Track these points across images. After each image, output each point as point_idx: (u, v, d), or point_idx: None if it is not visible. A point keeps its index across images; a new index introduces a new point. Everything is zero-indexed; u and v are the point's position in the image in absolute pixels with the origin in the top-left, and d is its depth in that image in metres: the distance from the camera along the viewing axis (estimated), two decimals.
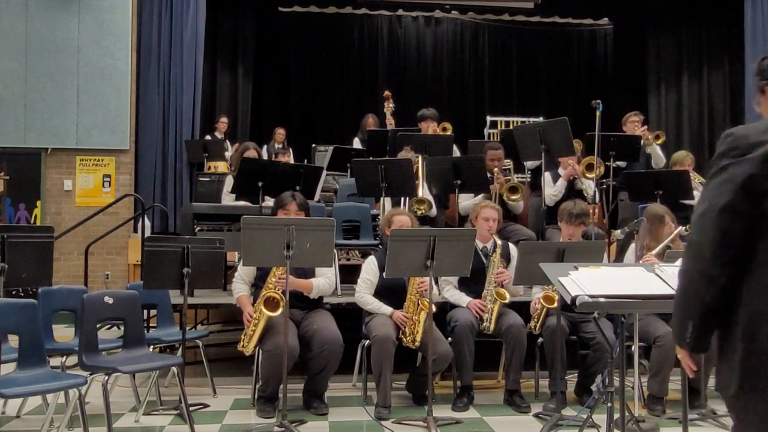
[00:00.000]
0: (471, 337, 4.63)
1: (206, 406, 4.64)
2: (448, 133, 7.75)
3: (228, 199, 6.45)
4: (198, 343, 5.12)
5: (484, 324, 4.70)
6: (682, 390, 3.50)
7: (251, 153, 6.44)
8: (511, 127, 9.17)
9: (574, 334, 4.73)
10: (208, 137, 9.27)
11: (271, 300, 4.25)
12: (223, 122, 9.89)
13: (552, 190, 6.19)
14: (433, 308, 4.42)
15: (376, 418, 4.35)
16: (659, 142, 7.21)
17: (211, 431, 4.16)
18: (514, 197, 6.11)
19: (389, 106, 8.37)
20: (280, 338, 4.11)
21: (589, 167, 6.25)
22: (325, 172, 6.59)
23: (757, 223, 1.79)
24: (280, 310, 4.17)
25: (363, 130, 8.19)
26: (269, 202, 5.53)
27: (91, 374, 3.79)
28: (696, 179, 6.39)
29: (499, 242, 4.91)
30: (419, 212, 5.70)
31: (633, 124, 7.32)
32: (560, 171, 6.34)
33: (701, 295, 1.83)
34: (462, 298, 4.84)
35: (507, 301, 4.75)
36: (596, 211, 6.10)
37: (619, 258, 5.33)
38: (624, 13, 12.30)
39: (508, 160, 6.39)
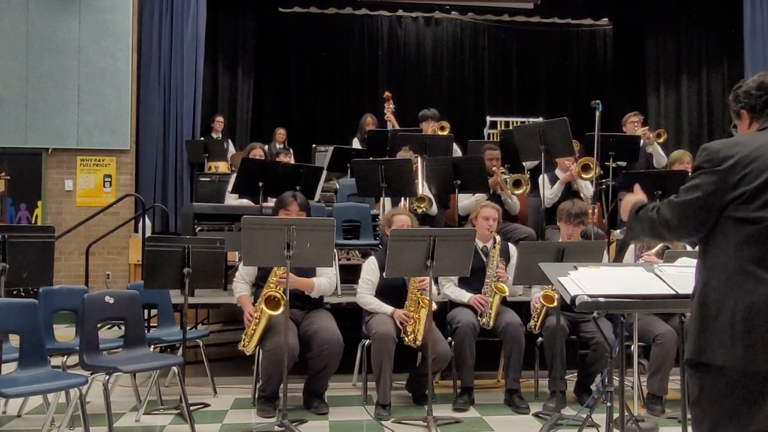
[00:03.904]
0: (472, 339, 4.64)
1: (207, 405, 4.65)
2: (446, 132, 7.75)
3: (231, 198, 6.46)
4: (198, 343, 5.14)
5: (484, 320, 4.72)
6: (681, 389, 3.50)
7: (257, 152, 6.45)
8: (510, 127, 9.18)
9: (574, 333, 4.74)
10: (201, 138, 9.24)
11: (272, 299, 4.26)
12: (219, 121, 9.81)
13: (549, 192, 6.20)
14: (434, 305, 4.42)
15: (376, 417, 4.37)
16: (660, 140, 7.21)
17: (212, 431, 4.17)
18: (518, 191, 6.13)
19: (389, 107, 8.38)
20: (280, 338, 4.12)
21: (585, 168, 6.25)
22: (325, 173, 6.60)
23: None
24: (281, 309, 4.17)
25: (362, 129, 8.19)
26: (271, 202, 5.54)
27: (91, 374, 3.81)
28: None
29: (498, 238, 4.93)
30: (420, 210, 5.71)
31: (633, 125, 7.33)
32: (557, 172, 6.35)
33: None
34: (463, 295, 4.85)
35: (506, 294, 4.77)
36: (596, 211, 6.10)
37: (617, 258, 5.33)
38: (623, 14, 12.29)
39: (502, 168, 6.39)
